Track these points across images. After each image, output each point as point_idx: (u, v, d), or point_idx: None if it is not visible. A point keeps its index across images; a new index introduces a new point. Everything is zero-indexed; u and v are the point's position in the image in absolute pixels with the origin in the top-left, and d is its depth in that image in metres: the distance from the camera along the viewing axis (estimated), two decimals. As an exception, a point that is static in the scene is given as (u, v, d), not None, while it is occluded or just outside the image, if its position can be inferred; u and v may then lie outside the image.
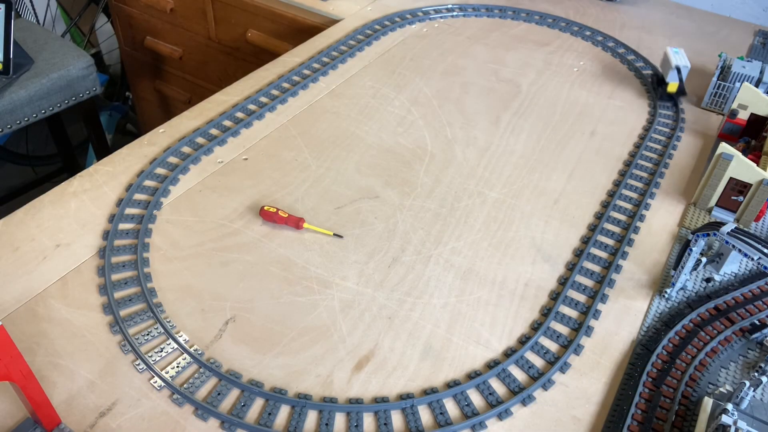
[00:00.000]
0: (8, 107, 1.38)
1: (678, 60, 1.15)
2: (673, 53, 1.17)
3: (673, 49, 1.18)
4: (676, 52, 1.17)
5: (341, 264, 0.83)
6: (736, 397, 0.63)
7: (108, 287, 0.76)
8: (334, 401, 0.67)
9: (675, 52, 1.17)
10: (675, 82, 1.16)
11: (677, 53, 1.17)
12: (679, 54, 1.17)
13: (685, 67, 1.15)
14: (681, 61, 1.15)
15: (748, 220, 0.93)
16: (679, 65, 1.15)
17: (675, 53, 1.17)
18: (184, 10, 1.79)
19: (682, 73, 1.16)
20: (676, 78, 1.16)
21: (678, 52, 1.17)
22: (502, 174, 1.01)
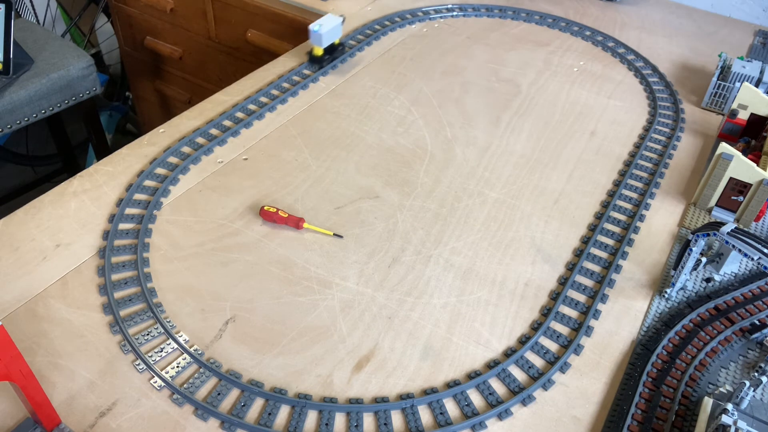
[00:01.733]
0: (8, 107, 1.38)
1: (321, 24, 1.15)
2: (326, 20, 1.17)
3: (327, 17, 1.17)
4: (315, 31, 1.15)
5: (341, 264, 0.83)
6: (736, 397, 0.63)
7: (108, 287, 0.76)
8: (334, 401, 0.67)
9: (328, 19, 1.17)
10: (318, 45, 1.17)
11: (328, 20, 1.17)
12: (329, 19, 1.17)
13: (326, 28, 1.15)
14: (324, 25, 1.15)
15: (748, 220, 0.93)
16: (316, 28, 1.14)
17: (328, 20, 1.17)
18: (184, 10, 1.79)
19: (323, 33, 1.15)
20: (320, 41, 1.16)
21: (328, 20, 1.17)
22: (502, 174, 1.01)
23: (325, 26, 1.14)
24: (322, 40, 1.15)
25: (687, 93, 1.25)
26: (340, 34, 1.20)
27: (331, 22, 1.16)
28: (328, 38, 1.17)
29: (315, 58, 1.19)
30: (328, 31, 1.15)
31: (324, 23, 1.15)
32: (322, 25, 1.14)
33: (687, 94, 1.25)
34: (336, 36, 1.19)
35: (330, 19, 1.16)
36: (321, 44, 1.16)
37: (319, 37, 1.15)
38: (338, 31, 1.19)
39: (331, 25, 1.15)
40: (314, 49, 1.18)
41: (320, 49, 1.17)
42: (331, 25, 1.15)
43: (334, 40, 1.20)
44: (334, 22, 1.16)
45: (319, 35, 1.14)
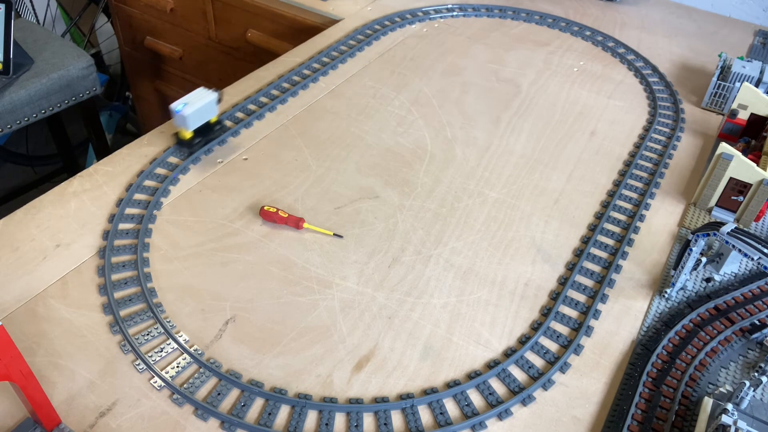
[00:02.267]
0: (8, 107, 1.38)
1: (186, 103, 0.93)
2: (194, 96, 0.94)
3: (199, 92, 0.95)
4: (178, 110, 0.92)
5: (341, 264, 0.83)
6: (736, 397, 0.63)
7: (108, 287, 0.76)
8: (334, 401, 0.67)
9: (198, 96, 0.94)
10: (184, 128, 0.94)
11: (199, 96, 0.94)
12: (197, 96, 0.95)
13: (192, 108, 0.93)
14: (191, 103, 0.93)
15: (748, 220, 0.93)
16: (179, 108, 0.92)
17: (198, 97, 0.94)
18: (184, 10, 1.79)
19: (187, 115, 0.92)
20: (185, 123, 0.93)
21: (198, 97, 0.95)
22: (502, 174, 1.01)
23: (193, 105, 0.92)
24: (187, 122, 0.93)
25: (687, 93, 1.25)
26: (216, 112, 0.97)
27: (201, 98, 0.94)
28: (197, 119, 0.95)
29: (183, 142, 0.96)
30: (195, 111, 0.93)
31: (191, 101, 0.93)
32: (187, 104, 0.92)
33: (687, 94, 1.25)
34: (210, 114, 0.97)
35: (200, 95, 0.94)
36: (187, 127, 0.94)
37: (183, 119, 0.92)
38: (212, 108, 0.96)
39: (201, 103, 0.93)
40: (180, 132, 0.95)
41: (188, 132, 0.94)
42: (201, 103, 0.93)
43: (209, 119, 0.97)
44: (206, 99, 0.94)
45: (183, 117, 0.92)
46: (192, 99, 0.93)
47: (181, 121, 0.93)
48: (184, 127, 0.94)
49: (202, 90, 0.95)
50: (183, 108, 0.91)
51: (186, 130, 0.94)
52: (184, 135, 0.95)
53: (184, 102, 0.92)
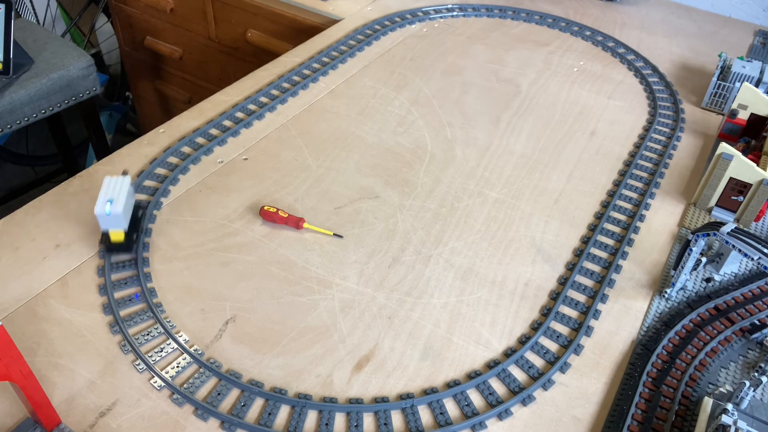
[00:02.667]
0: (8, 107, 1.37)
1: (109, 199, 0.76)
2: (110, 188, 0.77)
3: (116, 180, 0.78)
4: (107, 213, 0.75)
5: (341, 264, 0.83)
6: (736, 397, 0.63)
7: (108, 287, 0.76)
8: (334, 401, 0.67)
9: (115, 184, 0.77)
10: (118, 228, 0.77)
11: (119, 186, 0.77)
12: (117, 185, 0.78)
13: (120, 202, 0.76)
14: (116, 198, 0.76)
15: (748, 220, 0.93)
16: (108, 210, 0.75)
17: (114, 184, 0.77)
18: (184, 10, 1.79)
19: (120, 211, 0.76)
20: (120, 222, 0.77)
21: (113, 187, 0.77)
22: (502, 174, 1.01)
23: (118, 199, 0.76)
24: (121, 220, 0.76)
25: (687, 93, 1.25)
26: (134, 196, 0.82)
27: (118, 188, 0.77)
28: (128, 212, 0.79)
29: (118, 245, 0.78)
30: (124, 205, 0.76)
31: (114, 196, 0.76)
32: (112, 200, 0.75)
33: (687, 94, 1.25)
34: (131, 201, 0.80)
35: (114, 184, 0.77)
36: (123, 225, 0.77)
37: (117, 218, 0.76)
38: (131, 193, 0.80)
39: (124, 193, 0.77)
40: (112, 235, 0.78)
41: (121, 233, 0.78)
42: (124, 193, 0.77)
43: (132, 207, 0.81)
44: (124, 187, 0.78)
45: (117, 216, 0.76)
46: (111, 193, 0.76)
47: (114, 222, 0.76)
48: (119, 228, 0.77)
49: (110, 179, 0.78)
50: (112, 206, 0.75)
51: (120, 230, 0.77)
52: (118, 236, 0.77)
53: (107, 199, 0.75)
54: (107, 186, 0.77)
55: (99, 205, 0.75)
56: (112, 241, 0.78)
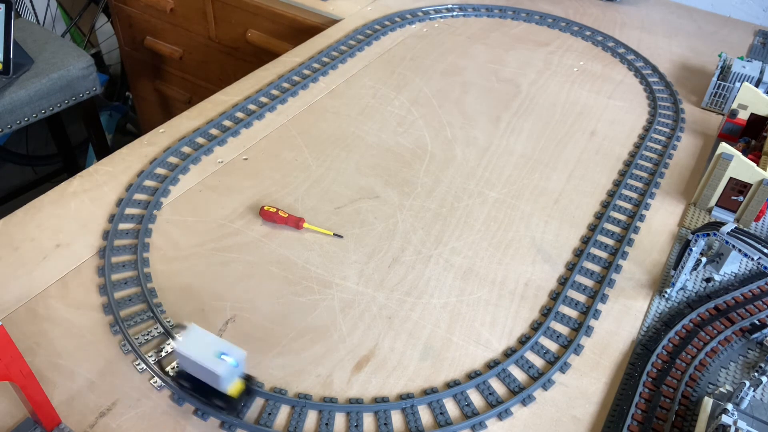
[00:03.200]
0: (8, 107, 1.37)
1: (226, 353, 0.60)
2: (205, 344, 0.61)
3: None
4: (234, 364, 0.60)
5: (341, 264, 0.83)
6: (736, 397, 0.63)
7: (108, 287, 0.76)
8: (334, 401, 0.67)
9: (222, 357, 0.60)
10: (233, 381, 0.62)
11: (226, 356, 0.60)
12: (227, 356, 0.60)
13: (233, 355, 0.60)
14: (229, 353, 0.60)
15: (748, 220, 0.93)
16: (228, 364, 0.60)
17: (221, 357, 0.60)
18: (184, 10, 1.79)
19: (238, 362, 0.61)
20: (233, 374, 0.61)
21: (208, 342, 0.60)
22: (502, 174, 1.01)
23: (230, 354, 0.60)
24: (234, 372, 0.61)
25: (687, 93, 1.25)
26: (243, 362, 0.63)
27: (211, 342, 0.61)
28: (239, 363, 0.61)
29: (237, 400, 0.63)
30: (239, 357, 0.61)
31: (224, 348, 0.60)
32: (224, 353, 0.60)
33: (687, 94, 1.25)
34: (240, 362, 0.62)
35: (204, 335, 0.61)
36: (240, 375, 0.63)
37: (234, 371, 0.61)
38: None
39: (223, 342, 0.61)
40: (233, 388, 0.62)
41: (241, 383, 0.63)
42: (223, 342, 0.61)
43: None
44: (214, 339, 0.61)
45: (238, 369, 0.61)
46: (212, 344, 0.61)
47: (228, 375, 0.60)
48: (234, 380, 0.62)
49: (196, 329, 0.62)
50: (226, 358, 0.60)
51: (238, 383, 0.63)
52: (238, 388, 0.63)
53: (219, 351, 0.60)
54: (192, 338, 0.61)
55: (220, 365, 0.59)
56: (229, 398, 0.63)
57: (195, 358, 0.59)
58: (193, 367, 0.61)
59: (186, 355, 0.60)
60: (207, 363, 0.59)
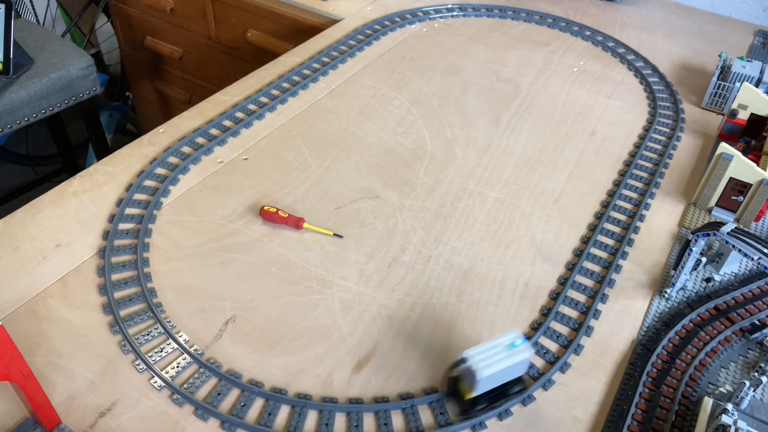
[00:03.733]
0: (8, 107, 1.37)
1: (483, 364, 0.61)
2: None
3: None
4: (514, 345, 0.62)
5: (341, 264, 0.83)
6: (736, 397, 0.63)
7: (108, 287, 0.76)
8: (334, 401, 0.67)
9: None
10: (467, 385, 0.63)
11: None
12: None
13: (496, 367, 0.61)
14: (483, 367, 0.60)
15: (748, 220, 0.93)
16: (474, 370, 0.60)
17: None
18: (184, 10, 1.79)
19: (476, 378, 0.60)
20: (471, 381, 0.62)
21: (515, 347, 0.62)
22: (502, 174, 1.01)
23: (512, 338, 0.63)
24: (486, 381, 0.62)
25: (687, 93, 1.25)
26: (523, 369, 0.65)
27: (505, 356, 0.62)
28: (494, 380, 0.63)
29: (461, 400, 0.64)
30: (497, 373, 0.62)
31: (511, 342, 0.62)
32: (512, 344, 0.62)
33: (687, 94, 1.25)
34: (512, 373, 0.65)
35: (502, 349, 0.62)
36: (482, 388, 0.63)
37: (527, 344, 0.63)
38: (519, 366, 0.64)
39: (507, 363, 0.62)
40: (463, 387, 0.64)
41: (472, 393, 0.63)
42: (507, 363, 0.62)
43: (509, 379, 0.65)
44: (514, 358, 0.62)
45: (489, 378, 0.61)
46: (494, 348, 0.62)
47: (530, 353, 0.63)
48: (476, 387, 0.62)
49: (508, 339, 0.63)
50: (517, 342, 0.62)
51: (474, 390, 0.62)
52: (469, 394, 0.63)
53: (505, 346, 0.61)
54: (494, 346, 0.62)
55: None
56: (459, 390, 0.64)
57: (500, 367, 0.60)
58: (494, 379, 0.61)
59: (492, 373, 0.60)
60: (511, 361, 0.61)
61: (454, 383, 0.64)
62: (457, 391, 0.64)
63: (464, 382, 0.63)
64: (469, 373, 0.60)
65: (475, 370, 0.60)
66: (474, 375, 0.60)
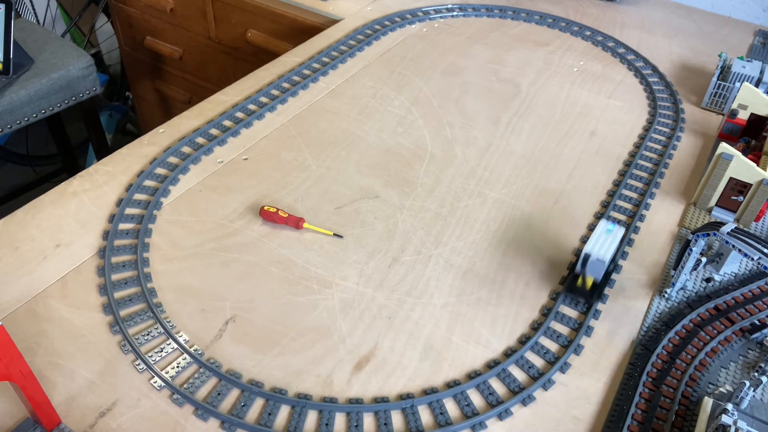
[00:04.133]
0: (8, 107, 1.37)
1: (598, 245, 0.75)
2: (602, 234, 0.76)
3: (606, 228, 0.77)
4: (609, 231, 0.76)
5: (341, 264, 0.83)
6: (736, 397, 0.63)
7: (108, 287, 0.76)
8: (334, 401, 0.67)
9: (608, 232, 0.76)
10: (591, 276, 0.76)
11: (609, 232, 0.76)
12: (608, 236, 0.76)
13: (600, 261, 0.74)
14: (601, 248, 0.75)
15: (748, 220, 0.93)
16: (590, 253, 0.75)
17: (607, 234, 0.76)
18: (184, 10, 1.79)
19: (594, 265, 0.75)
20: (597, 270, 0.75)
21: (611, 231, 0.77)
22: (502, 174, 1.01)
23: (609, 248, 0.75)
24: (601, 267, 0.75)
25: (687, 93, 1.25)
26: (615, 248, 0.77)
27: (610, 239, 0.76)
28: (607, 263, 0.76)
29: (582, 290, 0.78)
30: (612, 252, 0.76)
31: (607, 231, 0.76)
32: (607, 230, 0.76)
33: (687, 94, 1.25)
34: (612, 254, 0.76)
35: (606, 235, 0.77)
36: (599, 273, 0.76)
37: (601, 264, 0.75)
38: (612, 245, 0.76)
39: (614, 244, 0.76)
40: (587, 280, 0.77)
41: (591, 279, 0.77)
42: (614, 244, 0.76)
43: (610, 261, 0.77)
44: (615, 239, 0.76)
45: (603, 263, 0.75)
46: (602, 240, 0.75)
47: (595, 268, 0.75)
48: (594, 274, 0.76)
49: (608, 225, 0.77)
50: (609, 227, 0.76)
51: (592, 277, 0.76)
52: (589, 282, 0.77)
53: (603, 234, 0.75)
54: (601, 231, 0.77)
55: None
56: (578, 284, 0.78)
57: (612, 248, 0.75)
58: (609, 259, 0.75)
59: (611, 254, 0.75)
60: (616, 241, 0.76)
61: (573, 280, 0.78)
62: (578, 287, 0.78)
63: (586, 275, 0.77)
64: (596, 262, 0.75)
65: (599, 257, 0.74)
66: (602, 260, 0.75)
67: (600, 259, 0.74)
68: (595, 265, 0.75)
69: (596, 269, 0.75)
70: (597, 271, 0.75)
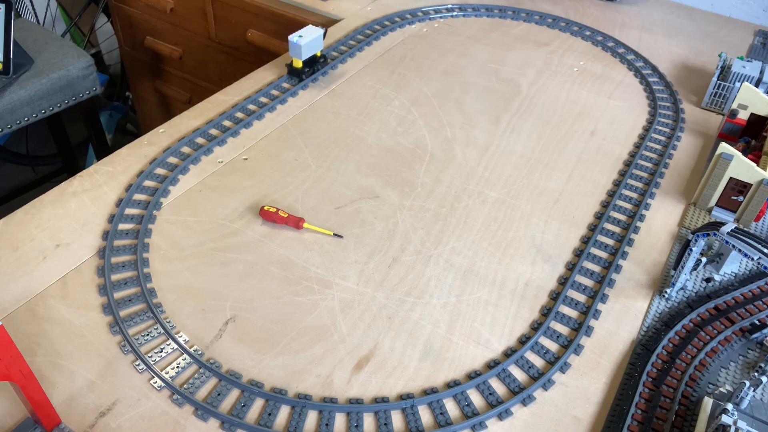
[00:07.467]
0: (8, 107, 1.37)
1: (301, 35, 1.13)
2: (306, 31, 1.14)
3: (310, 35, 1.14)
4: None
5: (341, 264, 0.83)
6: (736, 397, 0.63)
7: (108, 287, 0.76)
8: (334, 401, 0.67)
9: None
10: (298, 57, 1.14)
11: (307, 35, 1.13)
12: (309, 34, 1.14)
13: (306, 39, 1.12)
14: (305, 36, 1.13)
15: (748, 220, 0.93)
16: (295, 40, 1.12)
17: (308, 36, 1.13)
18: (184, 10, 1.79)
19: (302, 44, 1.11)
20: (299, 53, 1.13)
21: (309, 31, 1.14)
22: (502, 174, 1.01)
23: (306, 37, 1.12)
24: (301, 51, 1.12)
25: (687, 93, 1.25)
26: (322, 47, 1.17)
27: (311, 33, 1.13)
28: (308, 50, 1.14)
29: (294, 70, 1.15)
30: (308, 43, 1.12)
31: (304, 34, 1.12)
32: (302, 36, 1.12)
33: (687, 94, 1.25)
34: (317, 48, 1.16)
35: (311, 30, 1.14)
36: (300, 56, 1.13)
37: (299, 48, 1.11)
38: (319, 42, 1.15)
39: (312, 37, 1.13)
40: (293, 61, 1.15)
41: (299, 62, 1.14)
42: (312, 37, 1.13)
43: (315, 52, 1.16)
44: (315, 34, 1.13)
45: (299, 47, 1.11)
46: (305, 33, 1.13)
47: (296, 51, 1.12)
48: (298, 57, 1.13)
49: (311, 27, 1.15)
50: (298, 39, 1.11)
51: (299, 59, 1.13)
52: (297, 64, 1.14)
53: (299, 34, 1.12)
54: (306, 29, 1.15)
55: (293, 35, 1.12)
56: (291, 66, 1.15)
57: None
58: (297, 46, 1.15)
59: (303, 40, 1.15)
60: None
61: (289, 65, 1.16)
62: (292, 67, 1.16)
63: (294, 59, 1.15)
64: (296, 48, 1.13)
65: (299, 45, 1.12)
66: (299, 48, 1.13)
67: (295, 44, 1.11)
68: (293, 49, 1.12)
69: (294, 51, 1.13)
70: (296, 53, 1.13)
